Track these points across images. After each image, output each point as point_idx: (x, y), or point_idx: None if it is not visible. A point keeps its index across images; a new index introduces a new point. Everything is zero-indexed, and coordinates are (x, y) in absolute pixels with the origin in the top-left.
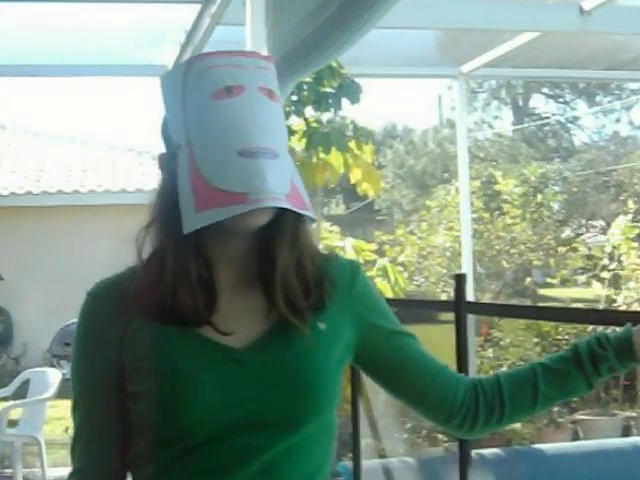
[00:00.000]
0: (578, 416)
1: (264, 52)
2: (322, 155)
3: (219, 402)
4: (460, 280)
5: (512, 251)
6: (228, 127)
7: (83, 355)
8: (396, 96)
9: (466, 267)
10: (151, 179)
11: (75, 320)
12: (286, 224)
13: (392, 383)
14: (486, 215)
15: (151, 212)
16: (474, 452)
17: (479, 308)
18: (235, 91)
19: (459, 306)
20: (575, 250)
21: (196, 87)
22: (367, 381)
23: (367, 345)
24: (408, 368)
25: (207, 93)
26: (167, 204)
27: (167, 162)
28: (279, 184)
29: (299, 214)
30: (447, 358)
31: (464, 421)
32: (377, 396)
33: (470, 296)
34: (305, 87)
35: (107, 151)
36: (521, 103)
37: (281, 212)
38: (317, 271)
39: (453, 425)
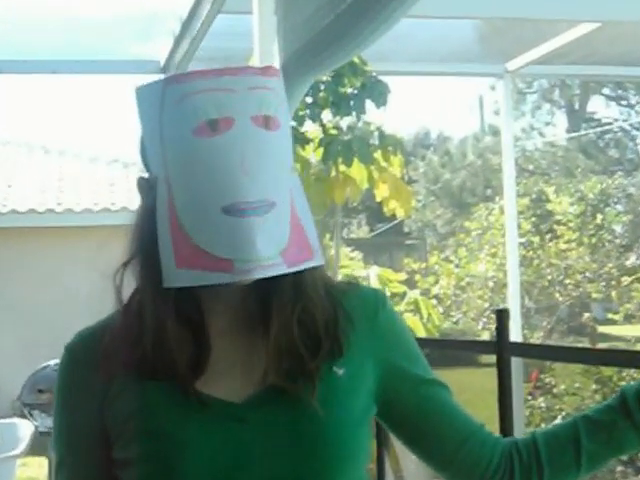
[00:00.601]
0: None
1: (274, 46)
2: (342, 168)
3: (220, 468)
4: (502, 316)
5: (567, 282)
6: (212, 175)
7: (63, 418)
8: (429, 98)
9: (512, 300)
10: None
11: (50, 363)
12: (285, 279)
13: (416, 441)
14: (536, 239)
15: (130, 246)
16: None
17: (525, 350)
18: (221, 126)
19: (501, 347)
20: None
21: (175, 118)
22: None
23: (389, 393)
24: (437, 425)
25: (188, 129)
26: (146, 240)
27: (147, 190)
28: (272, 244)
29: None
30: (489, 408)
31: None
32: (407, 453)
33: (516, 335)
34: (322, 87)
35: (88, 163)
36: (577, 106)
37: None
38: (331, 311)
39: None
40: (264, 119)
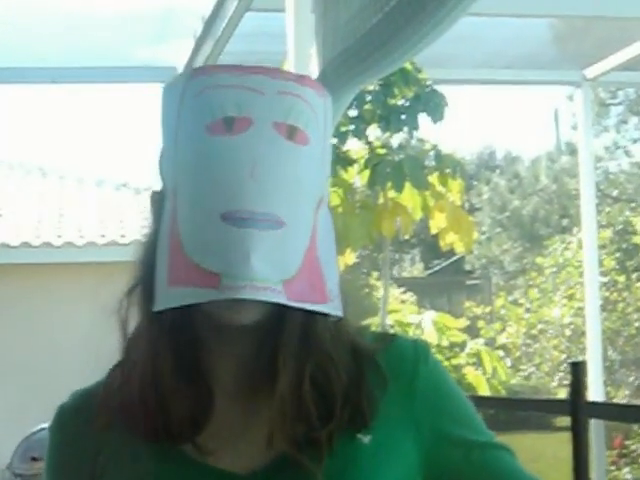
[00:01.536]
0: None
1: (311, 49)
2: (392, 193)
3: None
4: (579, 370)
5: None
6: (218, 177)
7: None
8: (495, 111)
9: (592, 352)
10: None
11: (44, 425)
12: (291, 322)
13: None
14: (621, 279)
15: (133, 274)
16: None
17: (605, 410)
18: (237, 126)
19: (577, 407)
20: None
21: (191, 112)
22: None
23: (437, 462)
24: None
25: (201, 124)
26: (148, 263)
27: (157, 207)
28: (273, 266)
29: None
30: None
31: None
32: None
33: (597, 392)
34: (369, 98)
35: (92, 188)
36: None
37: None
38: (355, 371)
39: None
40: (289, 128)
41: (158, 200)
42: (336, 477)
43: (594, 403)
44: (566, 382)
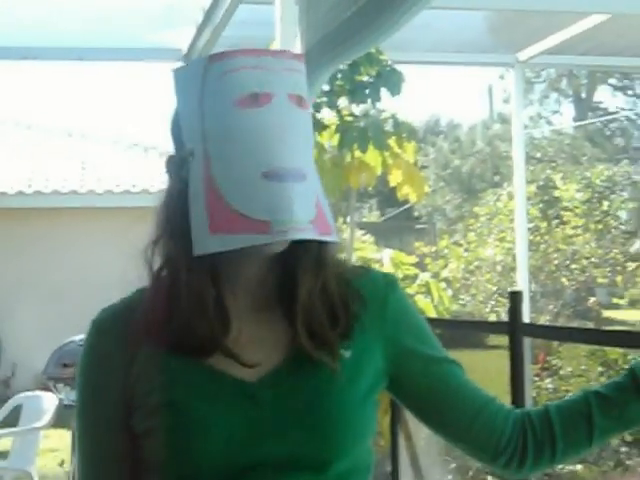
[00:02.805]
0: None
1: (296, 36)
2: (358, 153)
3: (232, 442)
4: (516, 298)
5: (573, 267)
6: (253, 142)
7: (87, 390)
8: (440, 86)
9: (521, 284)
10: (159, 179)
11: (74, 338)
12: (310, 250)
13: (431, 416)
14: (543, 225)
15: (158, 225)
16: None
17: (538, 331)
18: (262, 99)
19: (515, 328)
20: None
21: (217, 91)
22: (408, 412)
23: (402, 373)
24: (450, 400)
25: (230, 100)
26: (177, 217)
27: (177, 168)
28: (305, 210)
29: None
30: (497, 389)
31: (511, 460)
32: (419, 429)
33: (524, 317)
34: (339, 75)
35: (109, 146)
36: (584, 96)
37: None
38: (344, 292)
39: (499, 464)
40: (298, 98)
41: (177, 162)
42: (326, 387)
43: (528, 324)
44: (496, 309)
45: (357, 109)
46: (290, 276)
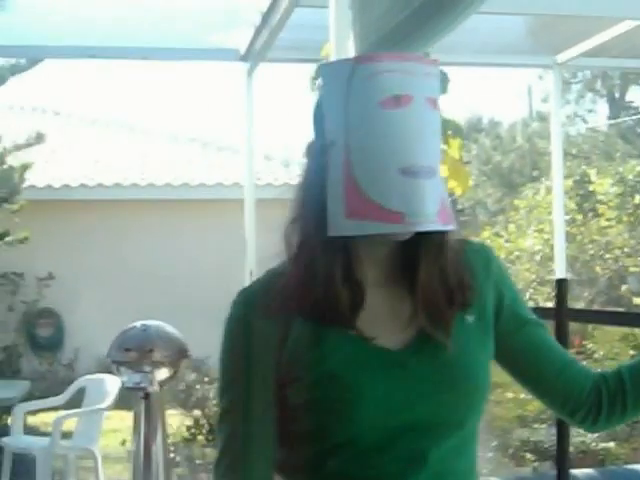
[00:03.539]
0: None
1: (350, 39)
2: None
3: (384, 407)
4: (562, 285)
5: (607, 256)
6: (393, 140)
7: (237, 364)
8: (482, 86)
9: (559, 273)
10: (215, 173)
11: (135, 324)
12: (433, 239)
13: (520, 372)
14: (579, 217)
15: (297, 205)
16: None
17: (583, 315)
18: (403, 101)
19: (561, 312)
20: None
21: (363, 91)
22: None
23: (503, 331)
24: (539, 358)
25: (374, 100)
26: (313, 199)
27: (317, 154)
28: (433, 205)
29: None
30: None
31: (587, 416)
32: None
33: None
34: None
35: (169, 142)
36: (617, 96)
37: None
38: (458, 269)
39: (576, 419)
40: (433, 101)
41: (317, 149)
42: (460, 352)
43: (574, 309)
44: (535, 296)
45: None
46: (412, 258)
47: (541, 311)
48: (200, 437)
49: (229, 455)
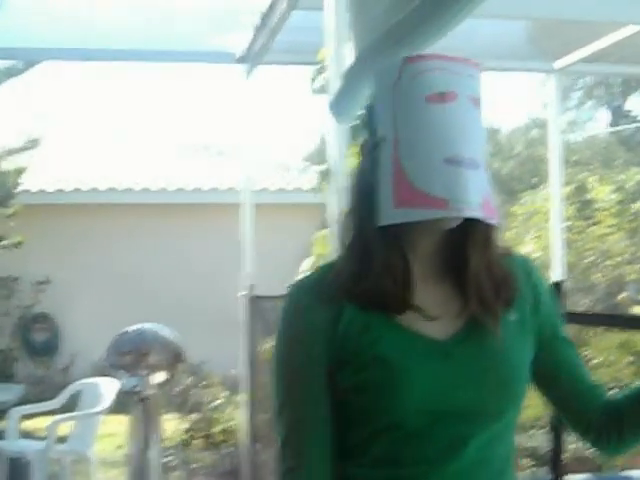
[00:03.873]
0: None
1: (347, 41)
2: None
3: (429, 393)
4: (559, 288)
5: (605, 263)
6: (438, 132)
7: (295, 353)
8: (482, 91)
9: (556, 279)
10: (211, 177)
11: (129, 329)
12: (479, 231)
13: (545, 384)
14: (578, 224)
15: (352, 198)
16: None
17: (582, 318)
18: (448, 97)
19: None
20: None
21: (410, 88)
22: None
23: (537, 339)
24: (565, 375)
25: (421, 95)
26: (366, 192)
27: (369, 151)
28: (477, 194)
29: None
30: None
31: (598, 439)
32: None
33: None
34: None
35: (165, 146)
36: (618, 103)
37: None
38: (504, 268)
39: (589, 439)
40: (475, 100)
41: (370, 146)
42: (502, 347)
43: (573, 313)
44: None
45: None
46: (460, 252)
47: None
48: (196, 441)
49: (292, 442)
